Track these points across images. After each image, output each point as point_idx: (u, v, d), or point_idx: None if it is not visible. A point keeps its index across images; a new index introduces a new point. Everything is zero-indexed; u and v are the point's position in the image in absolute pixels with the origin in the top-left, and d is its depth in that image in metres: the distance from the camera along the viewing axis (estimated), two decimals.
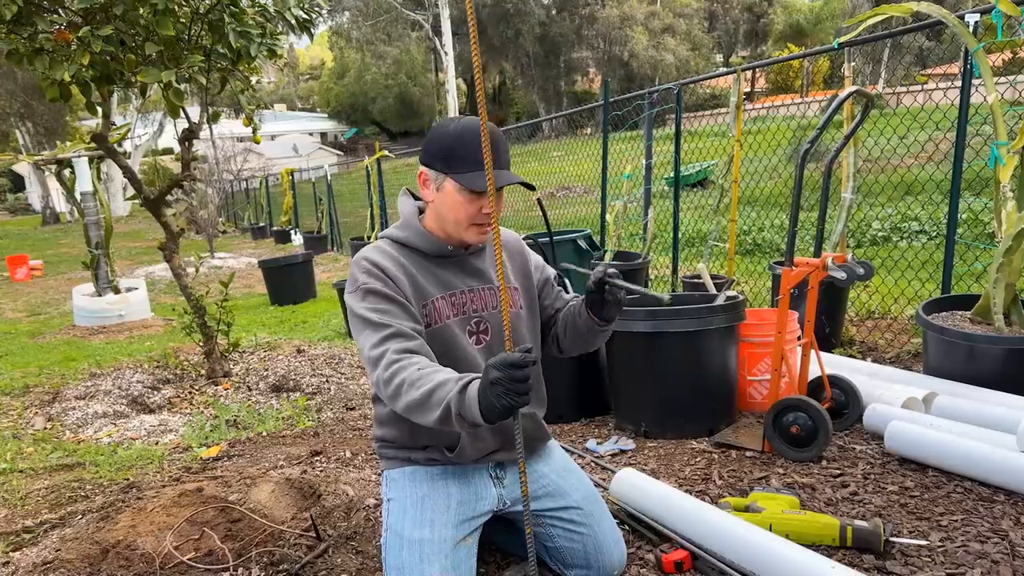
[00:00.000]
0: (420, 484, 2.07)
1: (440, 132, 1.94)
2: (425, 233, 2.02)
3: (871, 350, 4.55)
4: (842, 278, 2.98)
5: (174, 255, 4.67)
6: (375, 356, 1.83)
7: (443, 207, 1.96)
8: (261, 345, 5.80)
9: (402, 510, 2.02)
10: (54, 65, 3.49)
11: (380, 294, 1.91)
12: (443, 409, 1.67)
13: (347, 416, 4.07)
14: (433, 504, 2.03)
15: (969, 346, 3.32)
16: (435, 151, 1.93)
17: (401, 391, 1.75)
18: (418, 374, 1.74)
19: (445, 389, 1.68)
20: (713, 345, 3.34)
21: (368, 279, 1.93)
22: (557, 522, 2.14)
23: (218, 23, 3.83)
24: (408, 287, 1.96)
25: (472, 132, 1.88)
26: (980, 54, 3.73)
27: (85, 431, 4.16)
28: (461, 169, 1.89)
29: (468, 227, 1.96)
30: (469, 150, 1.88)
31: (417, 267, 2.00)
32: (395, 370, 1.77)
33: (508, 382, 1.57)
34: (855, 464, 2.89)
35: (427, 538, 1.96)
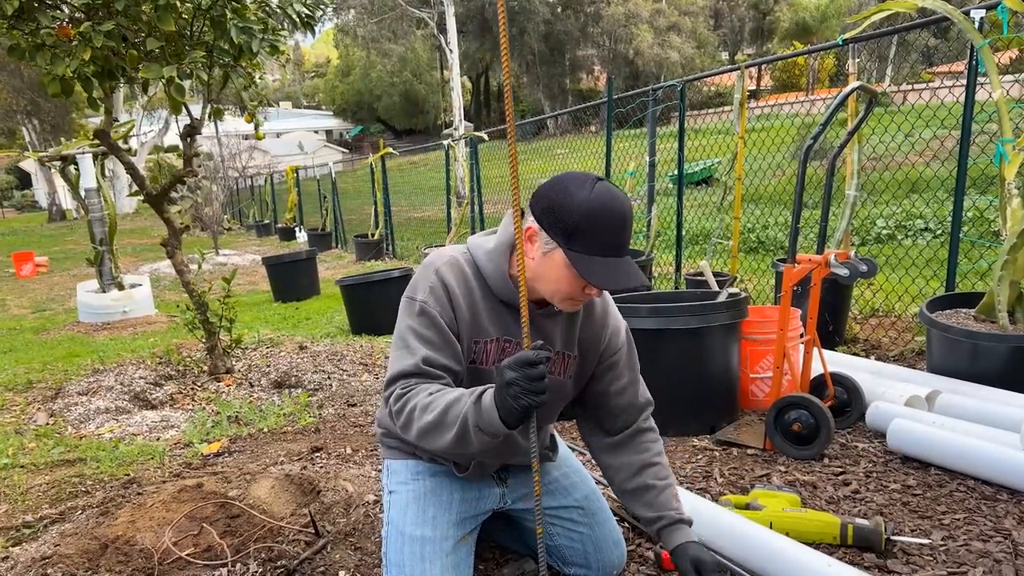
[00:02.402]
0: (423, 479, 2.03)
1: (567, 199, 1.70)
2: (509, 284, 1.85)
3: (874, 348, 4.53)
4: (845, 275, 2.96)
5: (176, 251, 4.67)
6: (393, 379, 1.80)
7: (546, 272, 1.77)
8: (264, 341, 5.80)
9: (404, 505, 2.00)
10: (56, 60, 3.48)
11: (433, 321, 1.81)
12: (460, 424, 1.63)
13: (348, 412, 4.06)
14: (436, 501, 2.00)
15: (973, 344, 3.30)
16: (556, 218, 1.70)
17: (413, 417, 1.71)
18: (428, 399, 1.71)
19: (460, 405, 1.65)
20: (715, 342, 3.32)
21: (430, 298, 1.82)
22: (557, 520, 2.12)
23: (220, 19, 3.82)
24: (467, 317, 1.85)
25: (604, 214, 1.67)
26: (986, 50, 3.70)
27: (87, 427, 4.16)
28: (579, 249, 1.68)
29: (563, 300, 1.80)
30: (596, 235, 1.68)
31: (484, 299, 1.88)
32: (406, 399, 1.74)
33: (524, 381, 1.53)
34: (857, 462, 2.87)
35: (429, 536, 1.94)
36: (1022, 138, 3.48)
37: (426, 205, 15.68)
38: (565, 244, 1.70)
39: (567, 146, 11.79)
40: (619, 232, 1.70)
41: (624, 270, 1.71)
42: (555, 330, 1.95)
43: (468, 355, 1.87)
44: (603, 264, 1.68)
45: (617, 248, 1.70)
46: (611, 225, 1.68)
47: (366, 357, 5.20)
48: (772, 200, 10.33)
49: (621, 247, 1.71)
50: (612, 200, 1.69)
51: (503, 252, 1.87)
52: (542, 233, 1.75)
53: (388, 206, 12.47)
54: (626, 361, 2.10)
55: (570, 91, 50.95)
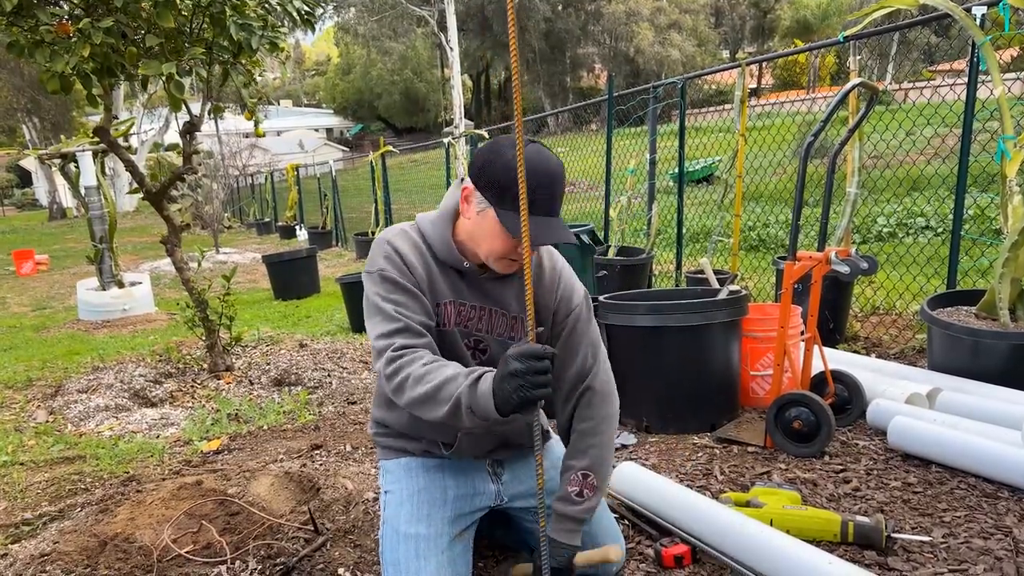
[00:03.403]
0: (417, 477, 2.05)
1: (498, 158, 1.78)
2: (453, 248, 1.91)
3: (875, 346, 4.52)
4: (845, 272, 2.95)
5: (176, 249, 4.67)
6: (380, 347, 1.81)
7: (480, 233, 1.85)
8: (264, 339, 5.80)
9: (398, 503, 2.00)
10: (55, 57, 3.47)
11: (396, 283, 1.86)
12: (452, 404, 1.64)
13: (348, 410, 4.06)
14: (430, 498, 2.01)
15: (974, 341, 3.29)
16: (487, 178, 1.78)
17: (406, 386, 1.72)
18: (423, 369, 1.71)
19: (455, 384, 1.65)
20: (715, 340, 3.32)
21: (387, 265, 1.87)
22: None
23: (219, 15, 3.81)
24: (425, 281, 1.90)
25: (532, 172, 1.71)
26: (987, 47, 3.69)
27: (87, 424, 4.15)
28: (509, 207, 1.75)
29: (499, 260, 1.85)
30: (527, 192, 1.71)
31: (436, 266, 1.93)
32: (399, 365, 1.74)
33: (528, 374, 1.53)
34: (858, 460, 2.86)
35: (423, 533, 1.94)
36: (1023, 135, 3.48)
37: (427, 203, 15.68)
38: (496, 203, 1.77)
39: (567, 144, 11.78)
40: (547, 191, 1.75)
41: (552, 227, 1.77)
42: (508, 294, 1.99)
43: (433, 318, 1.92)
44: (531, 222, 1.70)
45: (546, 206, 1.76)
46: (539, 184, 1.73)
47: (366, 355, 5.20)
48: (773, 198, 10.32)
49: (550, 206, 1.77)
50: (541, 160, 1.75)
51: (446, 219, 1.93)
52: (476, 193, 1.83)
53: (388, 204, 12.46)
54: (581, 329, 2.04)
55: (571, 89, 50.88)
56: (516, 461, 2.16)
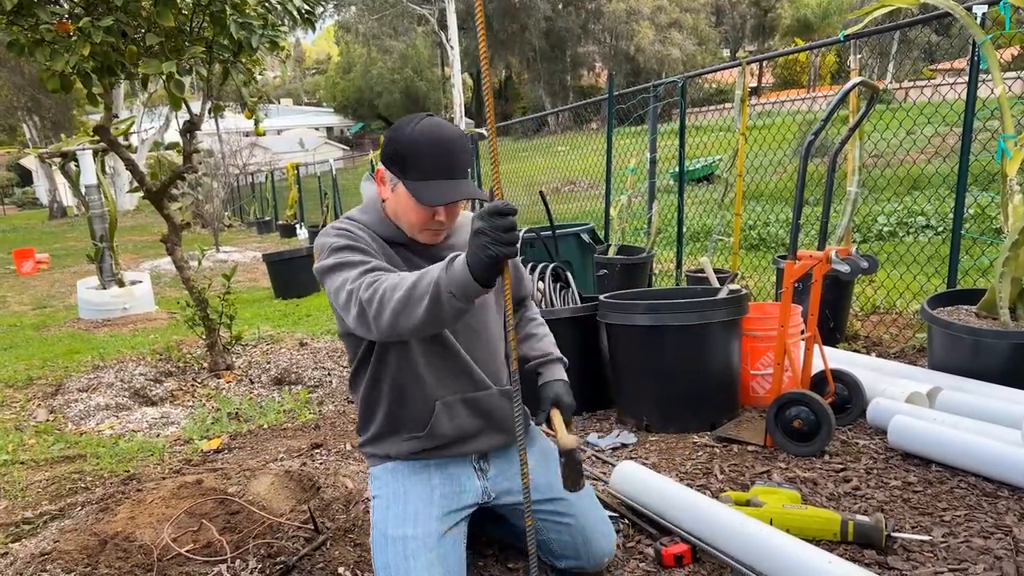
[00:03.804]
0: (402, 479, 2.06)
1: (398, 134, 1.88)
2: (387, 221, 1.99)
3: (875, 345, 4.52)
4: (846, 271, 2.95)
5: (176, 248, 4.67)
6: (352, 288, 1.77)
7: (397, 208, 1.94)
8: (264, 338, 5.80)
9: (385, 507, 2.02)
10: (55, 56, 3.47)
11: (354, 247, 1.89)
12: (432, 292, 1.64)
13: (348, 409, 4.06)
14: (416, 497, 2.01)
15: (974, 341, 3.29)
16: (391, 153, 1.89)
17: (384, 299, 1.71)
18: (397, 279, 1.73)
19: (430, 274, 1.66)
20: (716, 339, 3.32)
21: (338, 240, 1.91)
22: (543, 514, 2.11)
23: (219, 14, 3.81)
24: (381, 256, 1.94)
25: (427, 140, 1.83)
26: (988, 46, 3.69)
27: (87, 423, 4.16)
28: (413, 177, 1.84)
29: (421, 231, 1.95)
30: (423, 159, 1.83)
31: (382, 249, 1.98)
32: (374, 286, 1.74)
33: (493, 231, 1.55)
34: (858, 459, 2.87)
35: (410, 534, 1.94)
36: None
37: None
38: (401, 175, 1.87)
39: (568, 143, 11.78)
40: (445, 155, 1.83)
41: (456, 188, 1.86)
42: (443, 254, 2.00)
43: None
44: (435, 185, 1.82)
45: (447, 170, 1.84)
46: (437, 150, 1.83)
47: None
48: (773, 197, 10.32)
49: (451, 169, 1.85)
50: (435, 128, 1.85)
51: (374, 205, 2.01)
52: (387, 172, 1.93)
53: None
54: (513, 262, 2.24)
55: (571, 88, 50.85)
56: (500, 457, 2.17)
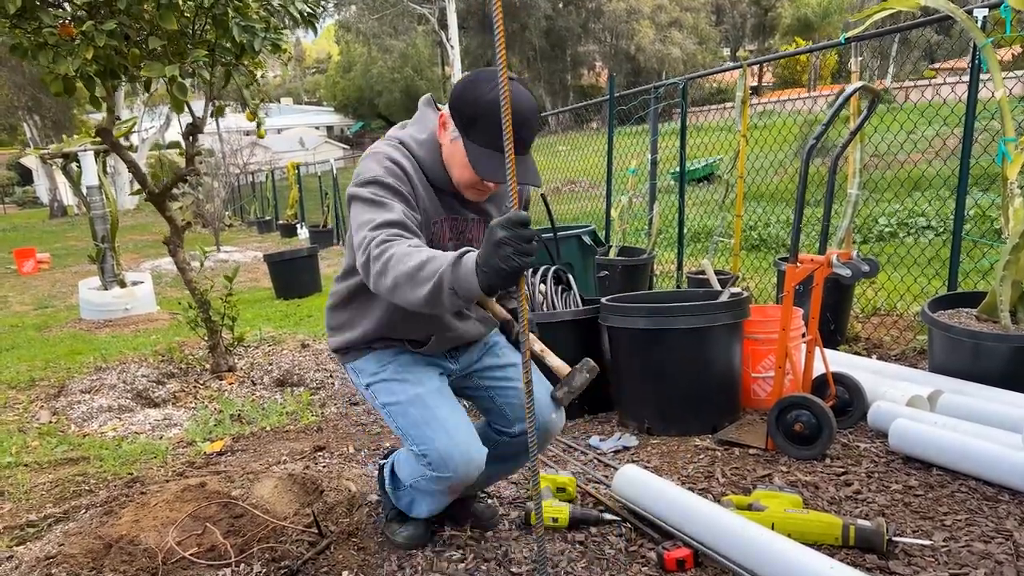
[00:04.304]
0: (389, 362, 2.17)
1: (474, 93, 1.82)
2: (439, 165, 1.97)
3: (876, 347, 4.53)
4: (847, 275, 2.96)
5: (179, 249, 4.68)
6: (369, 237, 1.78)
7: (451, 159, 1.92)
8: (266, 339, 5.81)
9: (387, 388, 2.14)
10: (58, 59, 3.48)
11: (394, 189, 1.87)
12: (434, 283, 1.63)
13: (351, 411, 4.07)
14: (411, 369, 2.15)
15: (975, 344, 3.30)
16: (462, 109, 1.83)
17: (389, 265, 1.71)
18: (407, 250, 1.72)
19: (437, 262, 1.65)
20: (717, 342, 3.32)
21: (386, 174, 1.88)
22: (496, 381, 2.29)
23: (222, 17, 3.82)
24: (423, 199, 1.95)
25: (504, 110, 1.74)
26: (988, 49, 3.69)
27: (90, 425, 4.17)
28: (477, 140, 1.81)
29: (467, 188, 1.95)
30: (492, 127, 1.75)
31: (426, 187, 1.98)
32: (386, 246, 1.75)
33: (516, 241, 1.53)
34: (859, 462, 2.88)
35: (422, 391, 2.10)
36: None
37: None
38: (464, 134, 1.83)
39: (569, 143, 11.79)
40: (516, 130, 1.71)
41: (519, 166, 1.77)
42: (487, 206, 2.13)
43: (427, 235, 1.97)
44: (497, 158, 1.74)
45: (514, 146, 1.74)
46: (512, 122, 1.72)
47: None
48: (774, 198, 10.33)
49: (518, 145, 1.76)
50: (517, 95, 1.75)
51: (434, 142, 1.97)
52: (451, 121, 1.89)
53: None
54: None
55: (571, 87, 50.87)
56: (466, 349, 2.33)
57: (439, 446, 2.03)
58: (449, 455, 2.02)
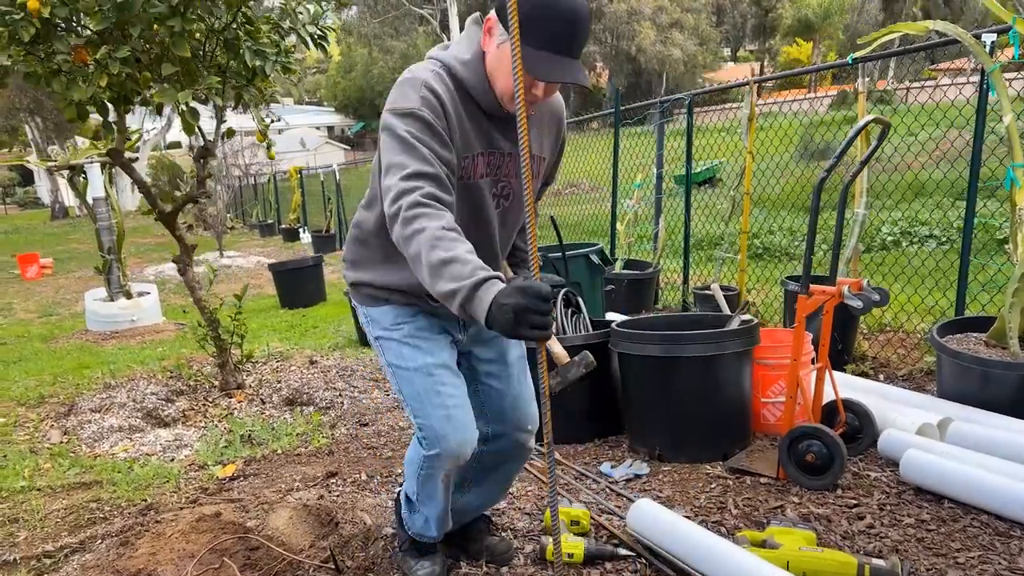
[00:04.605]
0: (404, 322, 2.12)
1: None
2: (486, 84, 1.87)
3: (883, 366, 4.55)
4: (858, 307, 2.98)
5: (188, 268, 4.69)
6: (404, 188, 1.73)
7: (497, 67, 1.83)
8: (274, 355, 5.82)
9: (397, 348, 2.12)
10: (72, 86, 3.50)
11: (432, 128, 1.79)
12: (450, 290, 1.64)
13: (360, 433, 4.09)
14: (425, 336, 2.12)
15: (983, 371, 3.31)
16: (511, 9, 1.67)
17: (418, 239, 1.69)
18: (441, 233, 1.68)
19: (462, 269, 1.63)
20: (728, 370, 3.34)
21: (423, 106, 1.79)
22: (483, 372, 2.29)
23: (233, 41, 3.83)
24: (457, 132, 1.86)
25: (556, 7, 1.70)
26: (997, 75, 3.71)
27: (101, 445, 4.18)
28: (528, 43, 1.68)
29: (512, 99, 1.78)
30: (546, 27, 1.70)
31: (468, 114, 1.89)
32: (418, 213, 1.70)
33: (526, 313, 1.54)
34: (870, 493, 2.89)
35: (431, 362, 2.08)
36: None
37: None
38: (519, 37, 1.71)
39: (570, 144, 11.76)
40: (568, 27, 1.71)
41: (570, 67, 1.75)
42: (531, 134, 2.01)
43: (458, 172, 1.90)
44: (550, 59, 1.71)
45: (566, 45, 1.72)
46: (563, 22, 1.70)
47: (376, 372, 5.22)
48: (776, 205, 10.32)
49: (571, 45, 1.73)
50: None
51: (479, 62, 1.88)
52: (498, 25, 1.80)
53: None
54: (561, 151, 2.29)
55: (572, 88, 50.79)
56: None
57: (435, 423, 2.04)
58: (444, 433, 2.03)
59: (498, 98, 1.87)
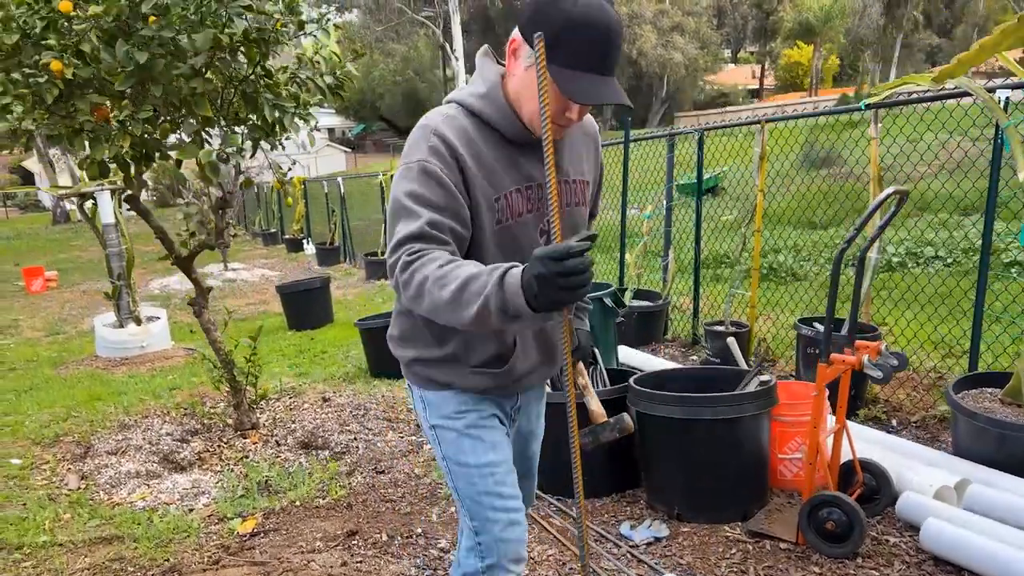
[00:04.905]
0: (468, 409, 1.97)
1: (553, 7, 1.62)
2: (510, 113, 1.77)
3: (896, 410, 4.57)
4: (879, 377, 3.01)
5: (204, 310, 4.72)
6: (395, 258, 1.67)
7: (525, 90, 1.71)
8: (286, 390, 5.85)
9: (456, 440, 1.96)
10: (94, 145, 3.52)
11: (437, 179, 1.69)
12: (481, 303, 1.52)
13: (377, 482, 4.11)
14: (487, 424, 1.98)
15: (999, 432, 3.34)
16: (538, 28, 1.59)
17: (424, 291, 1.60)
18: (440, 271, 1.59)
19: (479, 282, 1.54)
20: (747, 431, 3.37)
21: (430, 156, 1.70)
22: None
23: (253, 95, 3.86)
24: (479, 175, 1.75)
25: (588, 24, 1.60)
26: (1011, 131, 3.73)
27: (119, 492, 4.21)
28: (561, 62, 1.61)
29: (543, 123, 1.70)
30: (578, 45, 1.61)
31: (494, 150, 1.78)
32: (413, 268, 1.63)
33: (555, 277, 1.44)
34: (891, 562, 2.92)
35: (494, 460, 1.94)
36: None
37: None
38: (546, 56, 1.60)
39: None
40: (603, 45, 1.62)
41: (607, 87, 1.65)
42: (562, 158, 1.90)
43: (493, 216, 1.78)
44: (586, 78, 1.62)
45: (600, 64, 1.64)
46: (596, 38, 1.62)
47: (389, 410, 5.25)
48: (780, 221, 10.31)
49: (605, 63, 1.64)
50: (599, 11, 1.61)
51: (497, 92, 1.78)
52: (524, 46, 1.70)
53: None
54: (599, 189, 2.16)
55: None
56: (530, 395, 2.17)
57: (495, 529, 1.92)
58: (506, 538, 1.93)
59: (527, 123, 1.77)
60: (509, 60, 1.76)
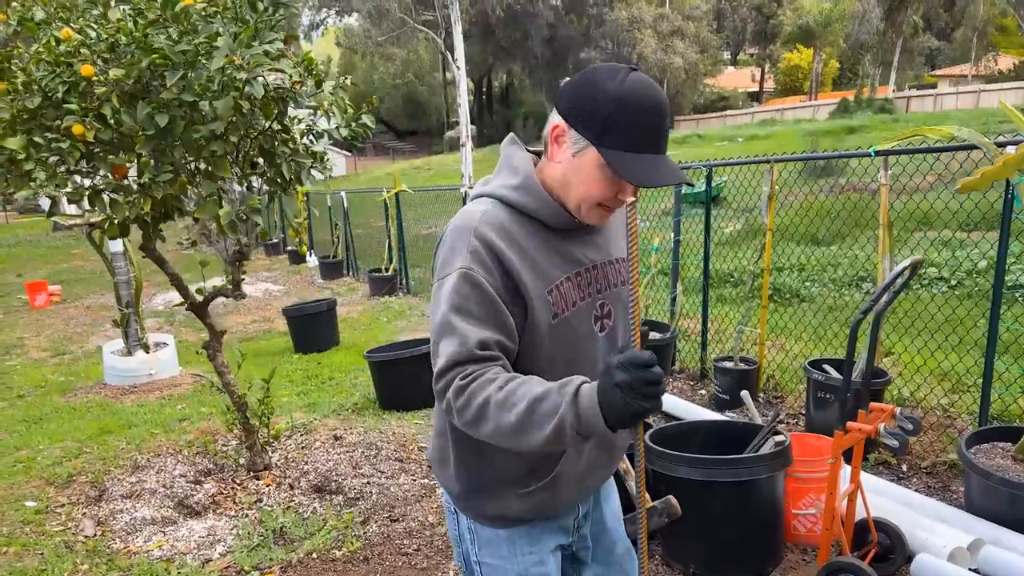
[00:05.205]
0: (523, 553, 1.85)
1: (598, 90, 1.55)
2: (549, 200, 1.68)
3: (906, 454, 4.60)
4: (896, 446, 3.05)
5: (217, 354, 4.75)
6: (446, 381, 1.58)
7: (574, 177, 1.63)
8: (297, 427, 5.87)
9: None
10: (115, 206, 3.55)
11: (479, 287, 1.60)
12: (556, 424, 1.45)
13: (392, 531, 4.14)
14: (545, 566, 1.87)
15: (1012, 493, 3.38)
16: (586, 112, 1.56)
17: (486, 414, 1.51)
18: (502, 394, 1.50)
19: (550, 402, 1.46)
20: (762, 492, 3.40)
21: (472, 263, 1.61)
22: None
23: (270, 150, 3.89)
24: (525, 274, 1.64)
25: (638, 103, 1.54)
26: (1022, 187, 3.77)
27: (135, 540, 4.24)
28: (613, 145, 1.54)
29: (593, 207, 1.65)
30: (631, 127, 1.54)
31: (535, 240, 1.68)
32: (469, 395, 1.53)
33: (640, 384, 1.38)
34: None
35: None
36: None
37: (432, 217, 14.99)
38: (596, 141, 1.56)
39: None
40: (656, 124, 1.56)
41: (664, 166, 1.57)
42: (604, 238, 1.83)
43: (548, 311, 1.67)
44: (639, 160, 1.54)
45: (654, 143, 1.56)
46: (647, 117, 1.55)
47: (400, 449, 5.28)
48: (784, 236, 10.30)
49: (658, 142, 1.57)
50: (647, 89, 1.55)
51: (532, 181, 1.70)
52: (571, 132, 1.61)
53: (403, 242, 12.56)
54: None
55: None
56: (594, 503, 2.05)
57: None
58: None
59: (572, 210, 1.68)
60: (552, 147, 1.67)
